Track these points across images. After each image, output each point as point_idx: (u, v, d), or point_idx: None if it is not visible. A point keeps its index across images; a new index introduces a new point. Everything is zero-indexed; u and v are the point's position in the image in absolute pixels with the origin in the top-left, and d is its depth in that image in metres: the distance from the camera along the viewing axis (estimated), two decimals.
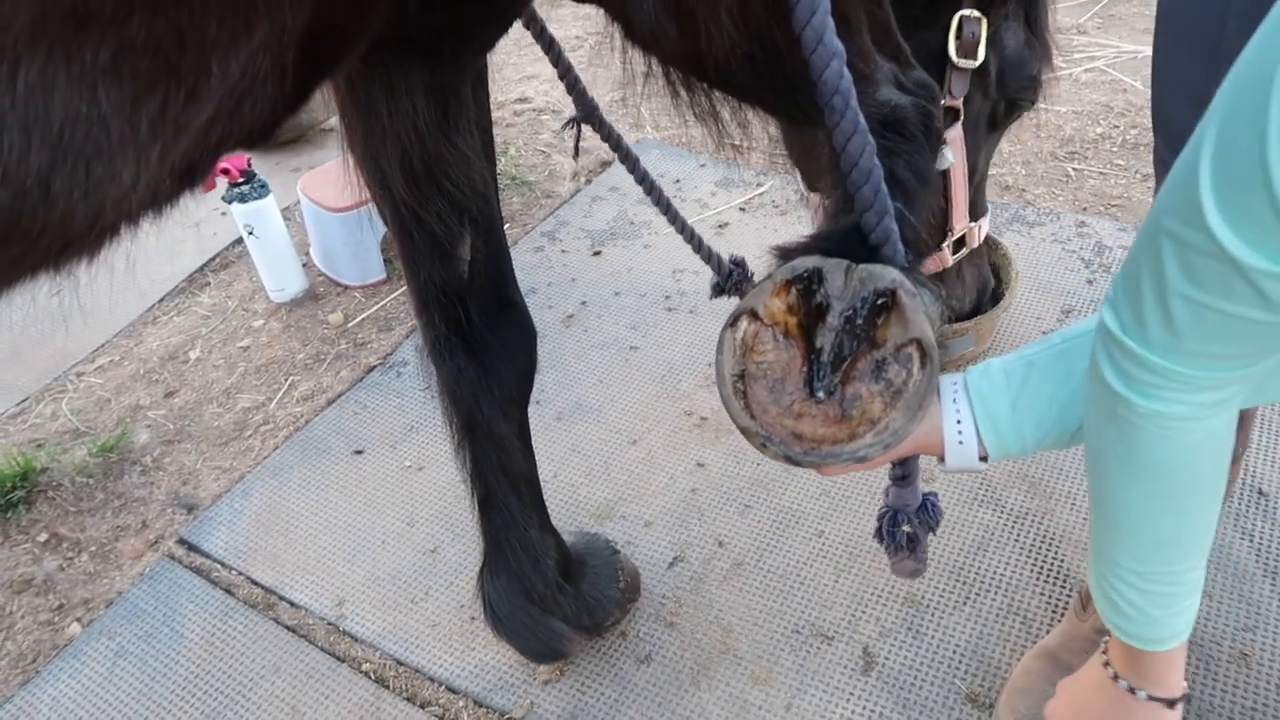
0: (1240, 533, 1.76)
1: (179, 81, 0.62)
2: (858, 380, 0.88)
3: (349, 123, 1.22)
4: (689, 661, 1.68)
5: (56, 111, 0.56)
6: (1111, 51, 3.45)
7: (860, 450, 0.85)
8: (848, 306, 0.89)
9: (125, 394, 2.44)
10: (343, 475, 2.14)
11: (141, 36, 0.58)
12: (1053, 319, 2.29)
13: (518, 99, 3.62)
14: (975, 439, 0.86)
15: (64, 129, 0.57)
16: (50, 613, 1.92)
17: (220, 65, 0.64)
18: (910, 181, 1.10)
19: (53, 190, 0.59)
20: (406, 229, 1.31)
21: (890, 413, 0.86)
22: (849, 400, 0.88)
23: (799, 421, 0.88)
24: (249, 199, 2.50)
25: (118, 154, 0.61)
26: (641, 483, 2.03)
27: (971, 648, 1.64)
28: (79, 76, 0.56)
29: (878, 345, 0.88)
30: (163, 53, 0.60)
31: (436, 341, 1.39)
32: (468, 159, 1.26)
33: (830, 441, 0.86)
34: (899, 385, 0.87)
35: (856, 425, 0.87)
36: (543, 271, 2.69)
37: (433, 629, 1.79)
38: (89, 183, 0.61)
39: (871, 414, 0.87)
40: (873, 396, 0.87)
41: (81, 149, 0.59)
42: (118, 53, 0.57)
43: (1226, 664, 1.57)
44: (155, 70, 0.60)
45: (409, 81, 1.14)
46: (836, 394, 0.88)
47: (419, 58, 1.12)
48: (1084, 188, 2.79)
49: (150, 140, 0.62)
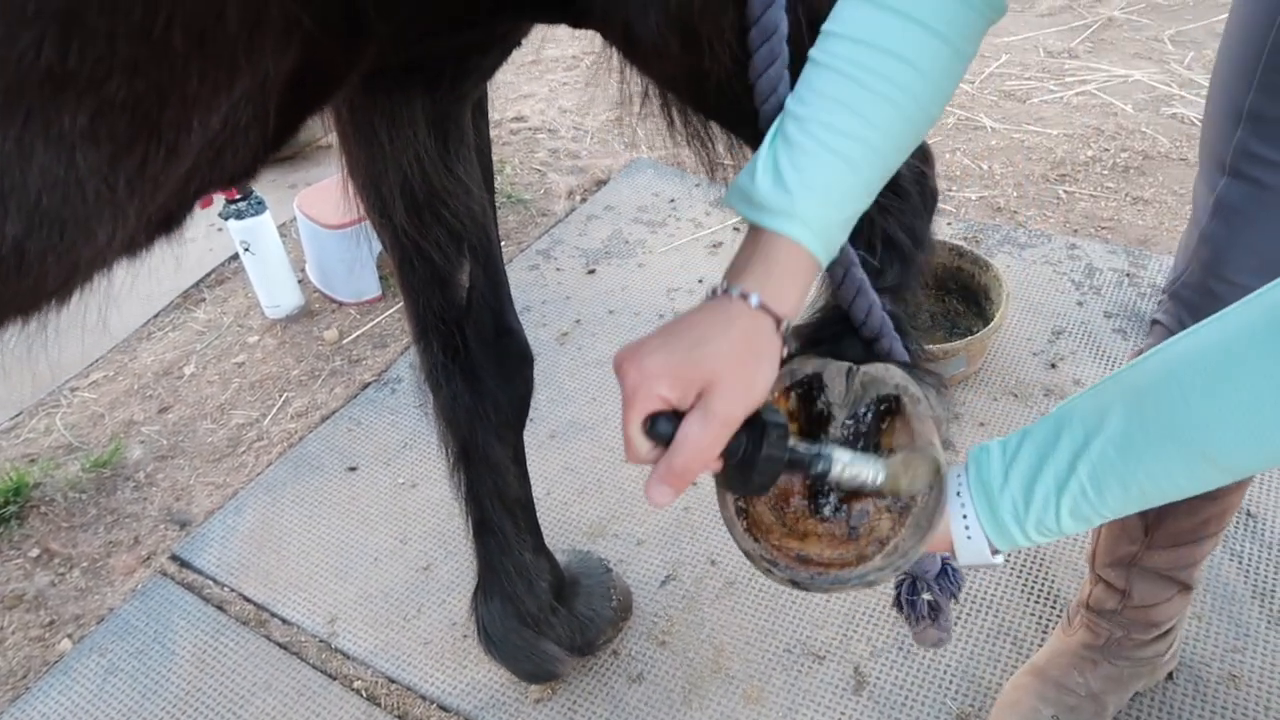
0: (1229, 554, 1.77)
1: (159, 139, 0.61)
2: (863, 494, 0.83)
3: (349, 150, 1.22)
4: (681, 680, 1.68)
5: (34, 179, 0.55)
6: (1102, 75, 3.49)
7: (869, 575, 0.79)
8: (850, 414, 0.85)
9: (119, 409, 2.44)
10: (336, 492, 2.14)
11: (120, 96, 0.56)
12: (1043, 340, 2.31)
13: (514, 118, 3.64)
14: (982, 532, 0.81)
15: (40, 195, 0.55)
16: (41, 629, 1.91)
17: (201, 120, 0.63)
18: (904, 242, 1.08)
19: (27, 257, 0.57)
20: (406, 256, 1.31)
21: (900, 530, 0.80)
22: (856, 517, 0.83)
23: (804, 543, 0.83)
24: (245, 215, 2.51)
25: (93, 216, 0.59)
26: (634, 501, 2.03)
27: (962, 668, 1.65)
28: (56, 141, 0.55)
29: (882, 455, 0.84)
30: (142, 111, 0.58)
31: (434, 367, 1.40)
32: (467, 188, 1.26)
33: (838, 565, 0.81)
34: (906, 500, 0.81)
35: (865, 545, 0.81)
36: (537, 289, 2.70)
37: (425, 647, 1.79)
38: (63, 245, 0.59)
39: (880, 533, 0.82)
40: (880, 513, 0.82)
41: (58, 214, 0.57)
42: (96, 114, 0.56)
43: (1216, 685, 1.57)
44: (134, 130, 0.59)
45: (410, 110, 1.14)
46: (842, 511, 0.83)
47: (420, 85, 1.13)
48: (1075, 210, 2.81)
49: (127, 199, 0.61)
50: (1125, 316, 2.36)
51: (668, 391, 0.71)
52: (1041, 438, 0.80)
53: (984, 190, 2.93)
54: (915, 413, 0.83)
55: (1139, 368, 0.78)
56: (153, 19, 0.55)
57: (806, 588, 0.81)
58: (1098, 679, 1.49)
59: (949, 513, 0.83)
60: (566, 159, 3.36)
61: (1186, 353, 0.75)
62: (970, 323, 2.32)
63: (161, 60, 0.57)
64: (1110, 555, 1.44)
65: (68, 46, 0.52)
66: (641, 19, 0.84)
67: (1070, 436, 0.78)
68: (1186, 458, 0.73)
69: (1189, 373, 0.73)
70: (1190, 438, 0.73)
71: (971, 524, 0.82)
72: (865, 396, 0.85)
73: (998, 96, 3.45)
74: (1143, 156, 3.01)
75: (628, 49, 0.94)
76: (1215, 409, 0.71)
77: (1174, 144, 3.05)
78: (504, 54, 1.22)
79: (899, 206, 1.04)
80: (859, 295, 0.88)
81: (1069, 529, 0.80)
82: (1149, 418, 0.74)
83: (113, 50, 0.55)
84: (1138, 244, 2.64)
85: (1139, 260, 2.54)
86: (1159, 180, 2.91)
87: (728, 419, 0.72)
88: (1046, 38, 3.84)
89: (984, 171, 3.03)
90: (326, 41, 0.70)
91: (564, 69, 3.97)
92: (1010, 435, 0.82)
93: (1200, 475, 0.74)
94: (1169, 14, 3.94)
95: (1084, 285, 2.48)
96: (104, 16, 0.53)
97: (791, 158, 0.73)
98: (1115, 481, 0.76)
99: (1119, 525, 1.41)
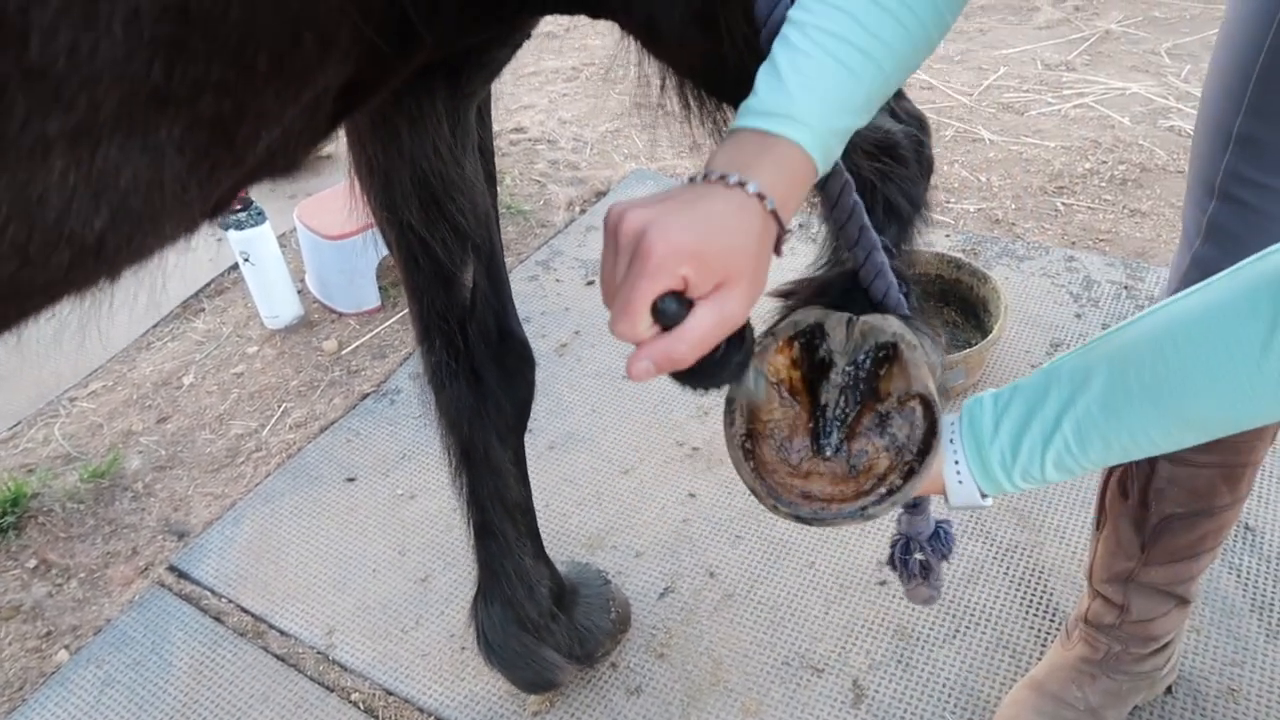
0: (1227, 567, 1.77)
1: (231, 149, 0.66)
2: (863, 435, 0.88)
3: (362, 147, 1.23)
4: (679, 693, 1.68)
5: (125, 181, 0.60)
6: (1099, 88, 3.51)
7: (869, 508, 0.85)
8: (850, 361, 0.89)
9: (118, 419, 2.44)
10: (334, 503, 2.14)
11: (209, 113, 0.62)
12: (1041, 352, 2.32)
13: (513, 129, 3.65)
14: (972, 478, 0.86)
15: (127, 196, 0.61)
16: (38, 640, 1.91)
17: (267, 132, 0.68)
18: (904, 207, 1.13)
19: (106, 247, 0.62)
20: (412, 254, 1.32)
21: (896, 470, 0.86)
22: (855, 456, 0.88)
23: (807, 480, 0.88)
24: (245, 226, 2.52)
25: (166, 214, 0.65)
26: (633, 512, 2.03)
27: (961, 681, 1.64)
28: (152, 149, 0.60)
29: (881, 398, 0.89)
30: (222, 125, 0.64)
31: (437, 367, 1.40)
32: (473, 184, 1.28)
33: (838, 500, 0.86)
34: (903, 440, 0.87)
35: (863, 482, 0.87)
36: (536, 300, 2.70)
37: (423, 658, 1.79)
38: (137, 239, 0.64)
39: (877, 470, 0.87)
40: (878, 452, 0.87)
41: (139, 212, 0.62)
42: (188, 128, 0.61)
43: (1215, 699, 1.57)
44: (213, 141, 0.64)
45: (434, 106, 1.16)
46: (843, 450, 0.88)
47: (442, 80, 1.15)
48: (1073, 222, 2.82)
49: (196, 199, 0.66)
50: None
51: (691, 273, 0.67)
52: (1031, 392, 0.84)
53: (982, 202, 2.94)
54: (912, 359, 0.87)
55: (1126, 330, 0.81)
56: (243, 44, 0.61)
57: (809, 521, 0.86)
58: (1096, 693, 1.49)
59: (943, 455, 0.87)
60: (566, 170, 3.37)
61: (1170, 318, 0.78)
62: (969, 335, 2.32)
63: (247, 81, 0.63)
64: (1107, 571, 1.44)
65: (173, 68, 0.59)
66: (666, 14, 0.87)
67: (1058, 393, 0.82)
68: (1164, 417, 0.77)
69: (1170, 337, 0.77)
70: (1168, 398, 0.76)
71: (963, 469, 0.86)
72: (865, 344, 0.89)
73: (996, 109, 3.47)
74: (1140, 169, 3.02)
75: (649, 40, 0.96)
76: (1193, 371, 0.75)
77: (1171, 156, 3.06)
78: (514, 49, 1.23)
79: (900, 174, 1.09)
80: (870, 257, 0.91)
81: (1053, 478, 0.84)
82: (1131, 378, 0.78)
83: (208, 72, 0.61)
84: (1135, 256, 2.64)
85: (1137, 273, 2.54)
86: (1156, 192, 2.92)
87: (738, 317, 0.71)
88: (1044, 51, 3.86)
89: (982, 184, 3.04)
90: (383, 53, 0.74)
91: (564, 80, 3.99)
92: (1003, 388, 0.87)
93: (1176, 434, 0.78)
94: (1166, 27, 3.95)
95: (1082, 297, 2.48)
96: (205, 42, 0.60)
97: (792, 60, 0.73)
98: (1097, 437, 0.80)
99: (1115, 541, 1.41)
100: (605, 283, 0.71)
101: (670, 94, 1.03)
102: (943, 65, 3.79)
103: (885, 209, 1.13)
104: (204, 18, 0.59)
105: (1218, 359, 0.73)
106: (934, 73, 3.72)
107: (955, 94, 3.59)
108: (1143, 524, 1.36)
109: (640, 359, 0.69)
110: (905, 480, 0.86)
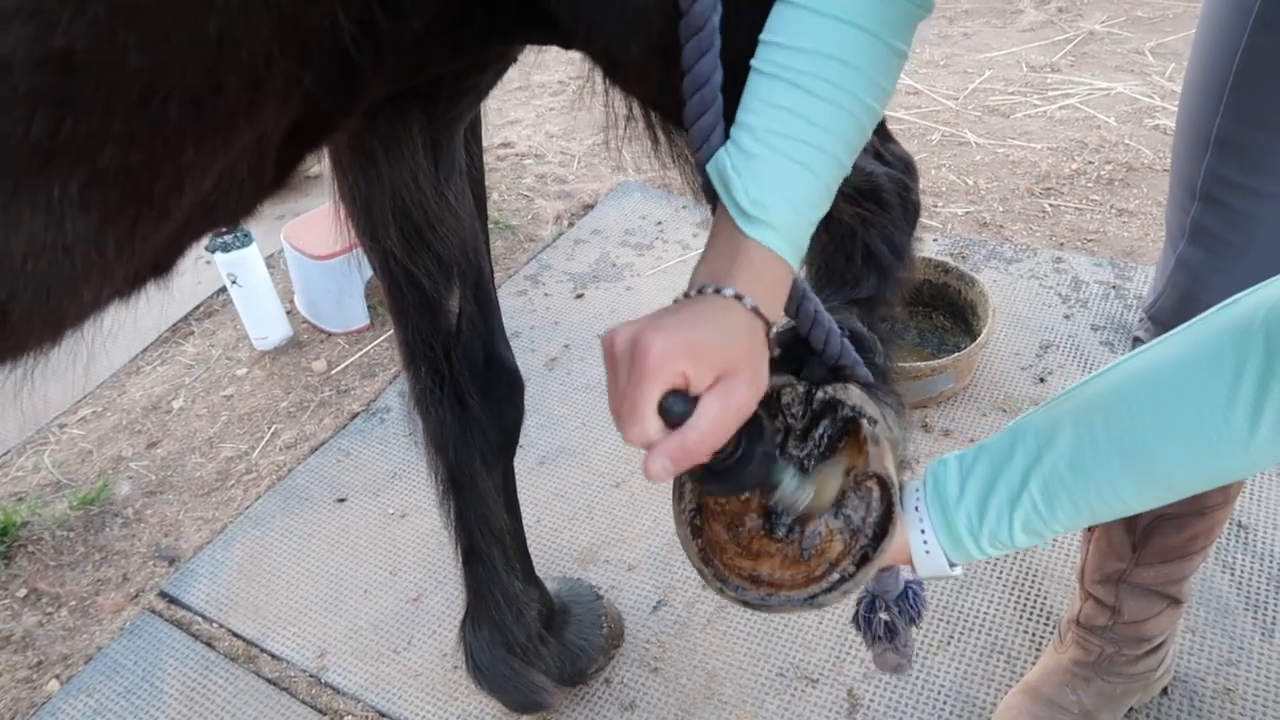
0: (1221, 566, 1.77)
1: (150, 204, 0.60)
2: (817, 515, 0.83)
3: (342, 174, 1.22)
4: (673, 708, 1.66)
5: (20, 245, 0.55)
6: (1085, 89, 3.51)
7: (818, 597, 0.80)
8: (807, 435, 0.85)
9: (107, 445, 2.43)
10: (325, 524, 2.13)
11: (114, 167, 0.56)
12: (1031, 354, 2.31)
13: (501, 144, 3.65)
14: (939, 545, 0.83)
15: (26, 261, 0.55)
16: (29, 670, 1.90)
17: (194, 183, 0.62)
18: (885, 254, 1.07)
19: (10, 318, 0.58)
20: (396, 281, 1.31)
21: (849, 556, 0.81)
22: (808, 538, 0.83)
23: (757, 562, 0.83)
24: (232, 248, 2.52)
25: (80, 278, 0.59)
26: (625, 526, 2.02)
27: (955, 687, 1.63)
28: (44, 209, 0.55)
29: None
30: (134, 180, 0.58)
31: (423, 394, 1.39)
32: (457, 215, 1.26)
33: (788, 586, 0.81)
34: (858, 523, 0.82)
35: (815, 568, 0.82)
36: (525, 315, 2.70)
37: (415, 679, 1.78)
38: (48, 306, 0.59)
39: (830, 554, 0.82)
40: (831, 535, 0.82)
41: (44, 278, 0.57)
42: (87, 184, 0.56)
43: (1210, 699, 1.56)
44: (125, 197, 0.59)
45: (408, 131, 1.14)
46: (795, 531, 0.83)
47: (417, 107, 1.13)
48: (1060, 223, 2.82)
49: (116, 260, 0.61)
50: (1112, 329, 2.36)
51: (691, 369, 0.69)
52: (996, 452, 0.82)
53: (969, 205, 2.94)
54: (870, 435, 0.83)
55: (1091, 384, 0.79)
56: (149, 94, 0.55)
57: (756, 607, 0.82)
58: (1091, 696, 1.48)
59: (908, 525, 0.84)
60: (554, 184, 3.37)
61: (1136, 371, 0.76)
62: (958, 339, 2.32)
63: (157, 131, 0.57)
64: (1099, 572, 1.43)
65: (59, 123, 0.52)
66: (623, 45, 0.85)
67: (1023, 451, 0.79)
68: (1133, 474, 0.75)
69: (1137, 390, 0.75)
70: (1136, 454, 0.74)
71: (929, 537, 0.83)
72: (823, 417, 0.85)
73: (982, 112, 3.47)
74: (1126, 168, 3.02)
75: (610, 69, 0.94)
76: (1159, 427, 0.73)
77: (1157, 155, 3.07)
78: (499, 73, 1.22)
79: (880, 219, 1.04)
80: (815, 325, 0.87)
81: (1022, 542, 0.81)
82: (1098, 433, 0.76)
83: (106, 125, 0.55)
84: (1123, 256, 2.64)
85: (1125, 272, 2.54)
86: (1143, 191, 2.92)
87: (745, 407, 0.72)
88: (1029, 53, 3.87)
89: (969, 187, 3.04)
90: (326, 95, 0.70)
91: (550, 94, 3.99)
92: (968, 449, 0.84)
93: (1146, 492, 0.76)
94: (1149, 27, 3.97)
95: (1071, 298, 2.48)
96: (100, 93, 0.53)
97: (753, 168, 0.74)
98: (1065, 496, 0.77)
99: (1106, 542, 1.41)
100: (611, 400, 0.73)
101: (637, 123, 1.01)
102: (928, 70, 3.80)
103: (864, 256, 1.07)
104: (95, 66, 0.52)
105: (1183, 412, 0.72)
106: (919, 77, 3.73)
107: (941, 98, 3.59)
108: (1134, 524, 1.36)
109: (655, 457, 0.69)
110: (859, 567, 0.81)
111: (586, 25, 0.84)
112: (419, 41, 0.80)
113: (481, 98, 1.23)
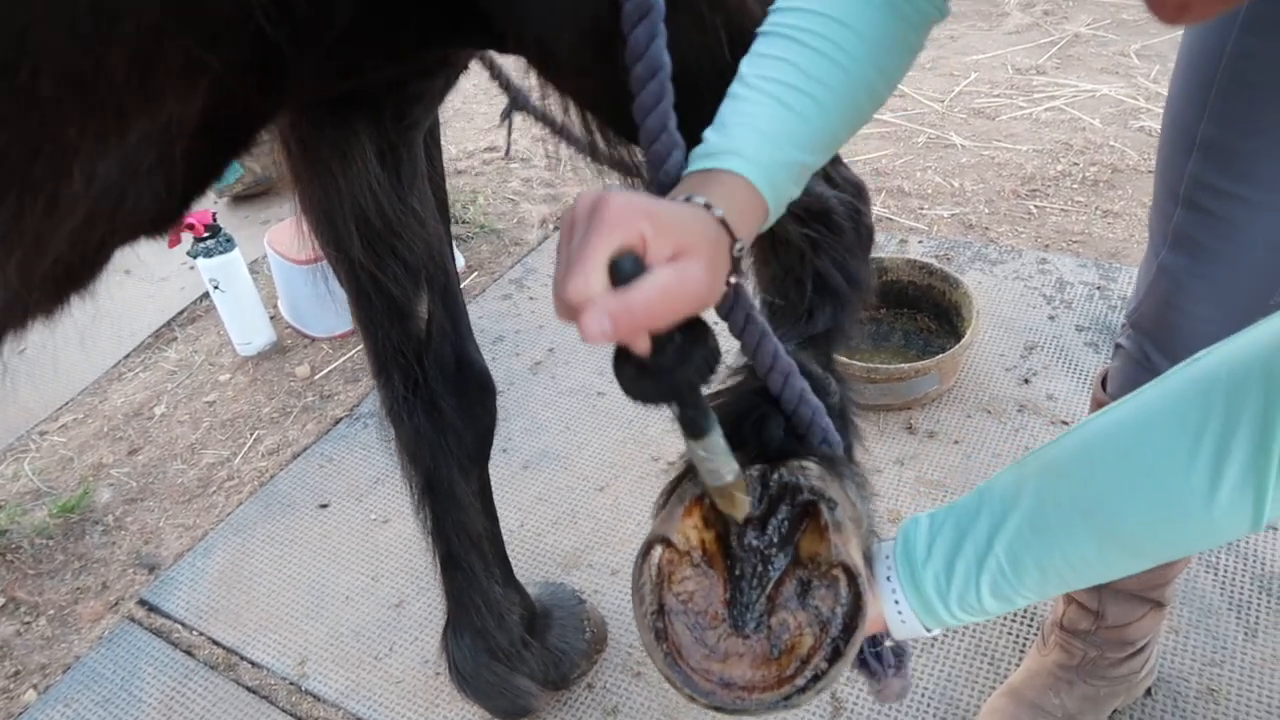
0: (1205, 567, 1.76)
1: (33, 190, 0.55)
2: (784, 607, 0.80)
3: (301, 185, 1.20)
4: (656, 712, 1.65)
5: None
6: (1070, 91, 3.52)
7: (792, 697, 0.76)
8: (765, 520, 0.81)
9: (88, 452, 2.41)
10: (307, 530, 2.11)
11: None
12: (1016, 356, 2.31)
13: (486, 148, 3.64)
14: (912, 610, 0.81)
15: None
16: (6, 679, 1.88)
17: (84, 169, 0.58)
18: (838, 281, 1.04)
19: None
20: (364, 290, 1.30)
21: (820, 651, 0.78)
22: (776, 633, 0.79)
23: (726, 664, 0.79)
24: (214, 254, 2.50)
25: None
26: (609, 530, 2.01)
27: (939, 689, 1.62)
28: None
29: (801, 563, 0.81)
30: (9, 164, 0.54)
31: (395, 402, 1.38)
32: (422, 220, 1.25)
33: (760, 688, 0.77)
34: (827, 615, 0.78)
35: (786, 666, 0.78)
36: (510, 319, 2.69)
37: (396, 686, 1.76)
38: None
39: (800, 651, 0.78)
40: (800, 629, 0.79)
41: None
42: None
43: (1194, 700, 1.56)
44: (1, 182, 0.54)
45: (358, 140, 1.13)
46: (764, 626, 0.80)
47: (363, 115, 1.12)
48: (1045, 225, 2.82)
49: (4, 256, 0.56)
50: (1097, 330, 2.36)
51: (650, 232, 0.63)
52: (964, 511, 0.80)
53: (955, 207, 2.94)
54: (831, 520, 0.79)
55: (1057, 444, 0.78)
56: (14, 70, 0.51)
57: (730, 712, 0.77)
58: (1074, 699, 1.47)
59: (880, 597, 0.82)
60: (540, 187, 3.36)
61: (1100, 430, 0.75)
62: (943, 340, 2.31)
63: (28, 110, 0.53)
64: None
65: None
66: (555, 36, 0.82)
67: (989, 511, 0.78)
68: (1095, 536, 0.73)
69: (1100, 449, 0.74)
70: (1097, 514, 0.72)
71: (902, 603, 0.81)
72: (780, 501, 0.81)
73: (967, 114, 3.48)
74: (1111, 170, 3.03)
75: (545, 68, 0.92)
76: (1121, 486, 0.71)
77: (1142, 157, 3.07)
78: (449, 81, 1.21)
79: (832, 242, 1.01)
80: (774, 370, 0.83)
81: (993, 609, 0.79)
82: (1061, 494, 0.74)
83: None
84: (1108, 257, 2.64)
85: (1109, 273, 2.54)
86: (1128, 193, 2.92)
87: (698, 292, 0.65)
88: (1015, 55, 3.88)
89: (955, 189, 3.04)
90: (240, 83, 0.67)
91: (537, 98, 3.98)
92: (939, 509, 0.82)
93: (1111, 556, 0.74)
94: (1134, 29, 3.98)
95: (1055, 300, 2.48)
96: None
97: (734, 106, 0.75)
98: (1030, 560, 0.75)
99: None
100: (559, 263, 0.65)
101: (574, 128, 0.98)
102: (914, 73, 3.81)
103: (816, 284, 1.03)
104: None
105: (1144, 471, 0.70)
106: (905, 80, 3.73)
107: (927, 100, 3.60)
108: None
109: (595, 314, 0.61)
110: (831, 664, 0.77)
111: (518, 18, 0.82)
112: (348, 38, 0.77)
113: (435, 104, 1.21)
